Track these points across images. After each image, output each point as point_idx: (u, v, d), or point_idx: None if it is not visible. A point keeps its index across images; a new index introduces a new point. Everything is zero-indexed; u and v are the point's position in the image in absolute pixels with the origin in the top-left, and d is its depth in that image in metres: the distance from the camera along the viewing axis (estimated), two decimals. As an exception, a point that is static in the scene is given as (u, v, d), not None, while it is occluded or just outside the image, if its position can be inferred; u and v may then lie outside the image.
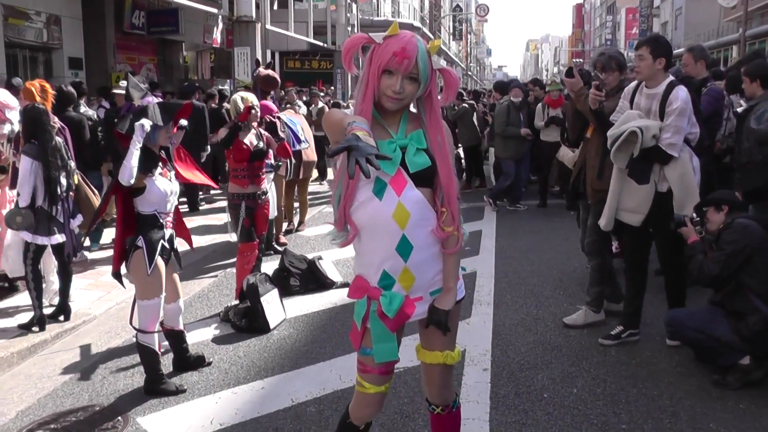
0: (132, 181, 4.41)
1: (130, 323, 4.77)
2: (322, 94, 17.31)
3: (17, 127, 6.37)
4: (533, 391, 4.72)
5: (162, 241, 4.68)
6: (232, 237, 6.88)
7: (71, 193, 6.11)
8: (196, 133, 12.35)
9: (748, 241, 4.59)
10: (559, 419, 4.31)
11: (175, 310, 5.02)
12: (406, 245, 2.78)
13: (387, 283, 2.83)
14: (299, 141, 9.55)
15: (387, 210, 2.74)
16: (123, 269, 4.72)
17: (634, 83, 5.40)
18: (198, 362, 5.16)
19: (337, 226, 2.83)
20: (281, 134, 6.58)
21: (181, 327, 5.12)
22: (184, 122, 4.89)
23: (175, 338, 5.08)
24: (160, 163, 4.69)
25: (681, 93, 4.99)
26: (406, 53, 2.65)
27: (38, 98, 6.06)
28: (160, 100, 5.00)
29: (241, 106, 6.43)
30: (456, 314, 3.03)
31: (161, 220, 4.69)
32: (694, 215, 4.95)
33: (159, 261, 4.65)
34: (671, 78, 5.15)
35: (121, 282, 4.75)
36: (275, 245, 8.83)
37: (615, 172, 5.29)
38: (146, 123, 4.48)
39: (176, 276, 5.00)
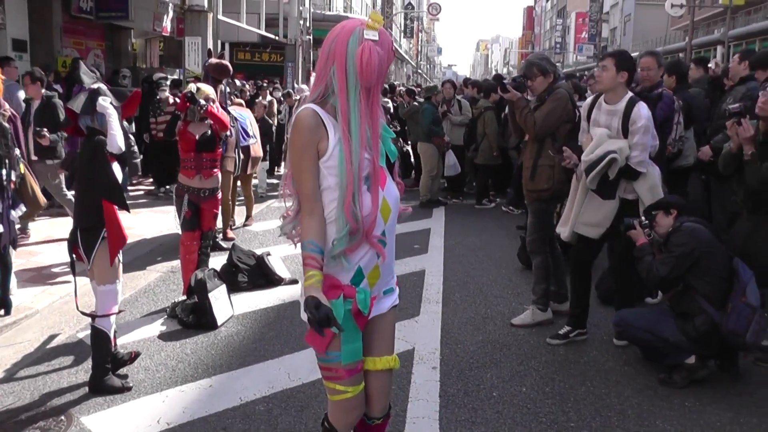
0: (123, 148, 4.46)
1: (77, 309, 4.67)
2: (271, 88, 17.15)
3: None
4: (483, 390, 4.73)
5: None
6: (177, 226, 6.78)
7: (12, 183, 5.92)
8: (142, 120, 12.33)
9: (696, 245, 4.69)
10: (508, 417, 4.33)
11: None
12: (383, 241, 2.77)
13: (357, 280, 2.76)
14: (247, 136, 9.49)
15: (376, 203, 2.71)
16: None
17: (590, 99, 5.55)
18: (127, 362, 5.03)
19: (353, 231, 2.66)
20: (201, 101, 6.46)
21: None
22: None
23: None
24: None
25: (643, 111, 5.11)
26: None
27: None
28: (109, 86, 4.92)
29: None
30: (393, 321, 3.02)
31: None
32: (643, 218, 5.02)
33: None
34: (630, 94, 5.26)
35: (73, 265, 4.66)
36: (221, 242, 8.72)
37: (573, 187, 5.38)
38: (105, 100, 4.48)
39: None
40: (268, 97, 14.88)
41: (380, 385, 2.98)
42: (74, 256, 4.66)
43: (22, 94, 9.51)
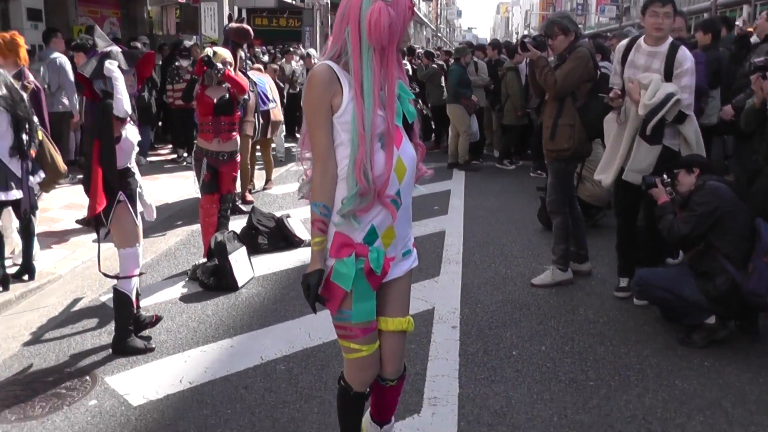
0: (129, 111, 4.48)
1: (100, 271, 4.69)
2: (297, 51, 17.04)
3: None
4: (502, 349, 4.75)
5: (138, 188, 4.72)
6: (197, 190, 6.81)
7: (32, 150, 5.95)
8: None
9: (719, 203, 4.62)
10: (527, 376, 4.35)
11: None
12: (396, 201, 2.76)
13: (371, 239, 2.75)
14: (267, 100, 9.48)
15: (390, 163, 2.70)
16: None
17: (625, 41, 5.46)
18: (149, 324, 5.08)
19: (363, 192, 2.64)
20: (218, 65, 6.45)
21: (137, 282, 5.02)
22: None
23: None
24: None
25: (687, 53, 5.10)
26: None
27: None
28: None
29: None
30: (408, 282, 3.03)
31: (132, 170, 4.70)
32: (665, 177, 4.97)
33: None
34: (671, 38, 5.20)
35: (98, 228, 4.68)
36: (240, 205, 8.76)
37: (615, 135, 5.31)
38: (112, 63, 4.46)
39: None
40: (293, 63, 14.80)
41: (392, 346, 2.99)
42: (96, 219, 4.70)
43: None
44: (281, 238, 7.21)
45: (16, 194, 5.75)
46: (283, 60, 15.26)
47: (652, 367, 4.48)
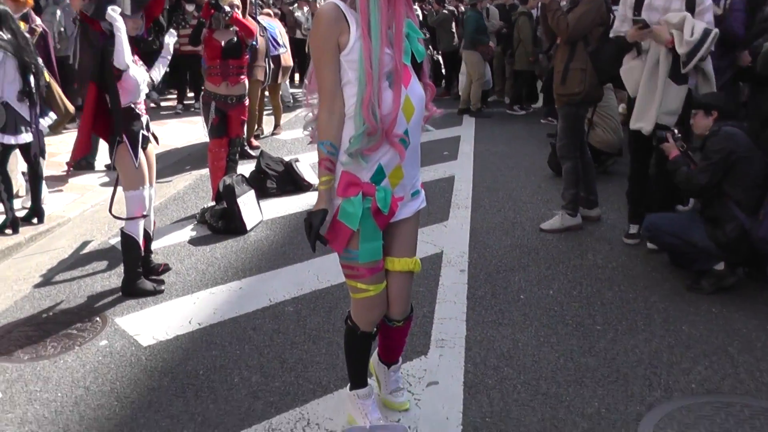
0: (129, 64, 4.44)
1: (110, 212, 4.73)
2: None
3: None
4: (510, 292, 4.76)
5: (142, 131, 4.66)
6: (205, 134, 6.79)
7: (40, 91, 5.93)
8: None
9: (734, 148, 4.53)
10: (534, 319, 4.36)
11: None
12: (405, 141, 2.73)
13: (378, 179, 2.74)
14: (278, 45, 9.40)
15: (397, 102, 2.67)
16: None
17: None
18: (157, 271, 5.10)
19: (371, 131, 2.62)
20: (226, 8, 6.36)
21: (151, 226, 5.02)
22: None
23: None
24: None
25: None
26: None
27: None
28: None
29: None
30: (416, 223, 3.03)
31: (136, 110, 4.64)
32: (676, 131, 4.91)
33: (141, 152, 4.65)
34: None
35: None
36: (248, 149, 8.73)
37: (644, 80, 5.21)
38: (115, 10, 4.42)
39: (153, 159, 4.92)
40: (306, 9, 14.58)
41: (399, 286, 3.00)
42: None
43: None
44: (290, 181, 7.20)
45: (26, 138, 5.78)
46: (295, 5, 15.08)
47: (660, 312, 4.48)
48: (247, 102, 6.74)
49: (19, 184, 6.38)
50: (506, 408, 3.41)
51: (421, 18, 15.90)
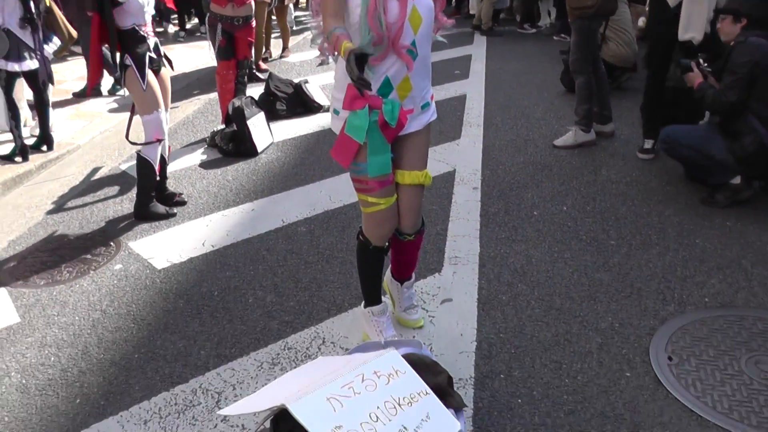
0: None
1: (126, 138, 4.72)
2: None
3: None
4: (523, 209, 4.73)
5: (148, 53, 4.56)
6: (212, 58, 6.69)
7: (42, 17, 5.82)
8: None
9: (759, 59, 4.37)
10: (548, 235, 4.34)
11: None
12: (412, 51, 2.67)
13: (385, 91, 2.70)
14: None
15: (404, 11, 2.60)
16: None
17: None
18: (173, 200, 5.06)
19: (377, 41, 2.57)
20: None
21: (166, 151, 4.98)
22: None
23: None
24: None
25: None
26: None
27: None
28: None
29: None
30: (427, 136, 2.99)
31: (141, 32, 4.52)
32: (701, 61, 4.77)
33: (150, 74, 4.56)
34: None
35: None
36: (256, 72, 8.62)
37: None
38: None
39: (168, 83, 4.84)
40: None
41: (409, 199, 2.97)
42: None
43: None
44: (299, 103, 7.13)
45: (30, 64, 5.70)
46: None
47: (674, 226, 4.45)
48: (254, 23, 6.61)
49: (25, 114, 6.33)
50: (520, 324, 3.42)
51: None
